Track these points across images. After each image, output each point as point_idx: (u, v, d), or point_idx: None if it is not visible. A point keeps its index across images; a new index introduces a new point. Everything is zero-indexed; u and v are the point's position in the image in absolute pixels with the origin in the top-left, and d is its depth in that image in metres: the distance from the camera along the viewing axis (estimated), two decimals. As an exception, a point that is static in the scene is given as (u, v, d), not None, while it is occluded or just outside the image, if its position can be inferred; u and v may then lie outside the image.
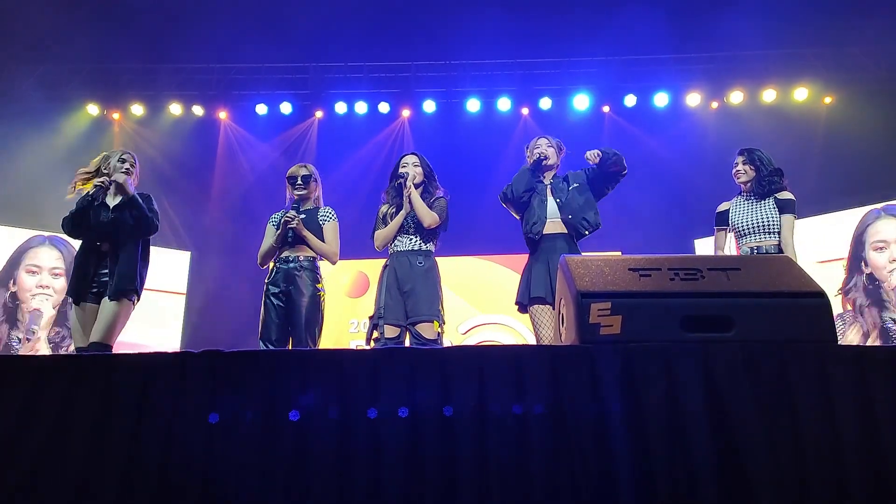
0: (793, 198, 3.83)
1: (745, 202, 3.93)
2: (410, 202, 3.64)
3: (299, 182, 3.83)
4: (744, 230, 3.86)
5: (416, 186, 3.73)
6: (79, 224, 3.56)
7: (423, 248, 3.66)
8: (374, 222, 3.83)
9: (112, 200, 3.63)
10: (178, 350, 7.82)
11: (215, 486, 1.69)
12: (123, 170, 3.65)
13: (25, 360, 1.95)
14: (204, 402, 1.78)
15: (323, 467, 1.68)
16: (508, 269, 8.26)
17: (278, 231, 3.72)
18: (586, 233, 3.64)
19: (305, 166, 3.94)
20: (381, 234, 3.73)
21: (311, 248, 3.71)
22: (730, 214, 3.96)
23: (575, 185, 3.72)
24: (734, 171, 3.97)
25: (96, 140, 7.99)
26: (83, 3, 6.91)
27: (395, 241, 3.68)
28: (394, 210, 3.74)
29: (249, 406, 1.76)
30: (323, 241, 3.75)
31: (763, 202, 3.85)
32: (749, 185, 3.93)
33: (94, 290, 3.52)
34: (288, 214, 3.69)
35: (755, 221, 3.83)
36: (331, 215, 3.86)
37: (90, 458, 1.74)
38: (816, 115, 8.01)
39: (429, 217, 3.61)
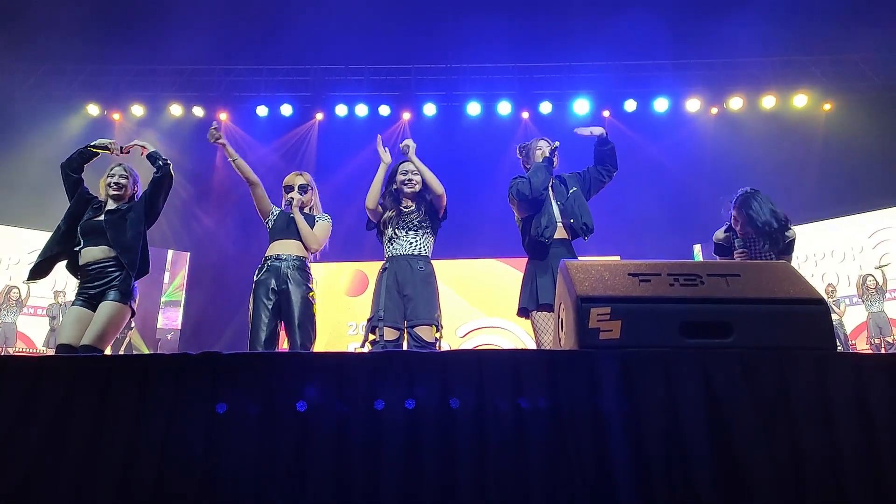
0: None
1: None
2: (419, 169, 3.66)
3: (296, 191, 3.85)
4: None
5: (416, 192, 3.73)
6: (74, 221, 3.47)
7: (423, 252, 3.66)
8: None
9: (110, 206, 3.55)
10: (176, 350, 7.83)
11: (213, 491, 1.69)
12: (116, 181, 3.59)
13: (24, 360, 1.95)
14: (202, 404, 1.78)
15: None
16: (507, 273, 8.26)
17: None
18: (585, 238, 3.65)
19: (302, 174, 3.98)
20: (371, 193, 3.69)
21: (298, 232, 3.72)
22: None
23: (573, 188, 3.72)
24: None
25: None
26: (84, 3, 6.91)
27: (394, 244, 3.66)
28: (393, 214, 3.72)
29: (249, 407, 1.76)
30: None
31: None
32: None
33: (90, 292, 3.36)
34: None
35: None
36: (326, 218, 3.92)
37: (88, 459, 1.73)
38: (815, 121, 8.04)
39: (438, 185, 3.62)
